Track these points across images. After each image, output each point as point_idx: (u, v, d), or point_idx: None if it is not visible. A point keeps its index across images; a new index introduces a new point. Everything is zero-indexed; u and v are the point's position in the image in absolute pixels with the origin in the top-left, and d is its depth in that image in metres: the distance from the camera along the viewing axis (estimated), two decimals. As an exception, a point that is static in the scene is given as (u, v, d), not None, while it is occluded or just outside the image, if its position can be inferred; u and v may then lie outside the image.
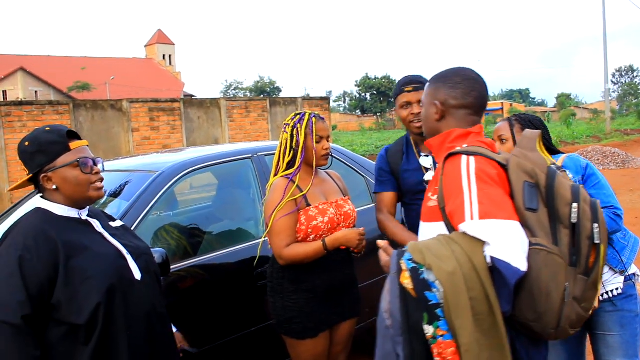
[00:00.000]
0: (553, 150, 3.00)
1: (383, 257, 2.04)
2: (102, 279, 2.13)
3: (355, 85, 79.61)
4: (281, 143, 3.07)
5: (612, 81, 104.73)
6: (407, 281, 1.79)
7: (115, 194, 3.62)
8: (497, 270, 1.74)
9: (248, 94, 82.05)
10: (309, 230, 2.92)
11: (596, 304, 1.94)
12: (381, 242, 2.08)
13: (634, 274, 2.89)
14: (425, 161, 3.06)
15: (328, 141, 3.07)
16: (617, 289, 2.83)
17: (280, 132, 3.12)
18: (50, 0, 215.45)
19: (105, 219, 2.44)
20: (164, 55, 74.90)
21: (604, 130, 30.64)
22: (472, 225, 1.79)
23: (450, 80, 2.14)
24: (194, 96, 57.26)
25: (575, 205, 1.84)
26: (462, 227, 1.82)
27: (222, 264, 3.55)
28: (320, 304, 2.99)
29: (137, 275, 2.27)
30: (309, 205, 2.96)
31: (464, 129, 2.11)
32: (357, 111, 79.43)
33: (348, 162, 4.54)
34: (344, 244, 2.90)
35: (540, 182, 1.88)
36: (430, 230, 2.03)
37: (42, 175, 2.24)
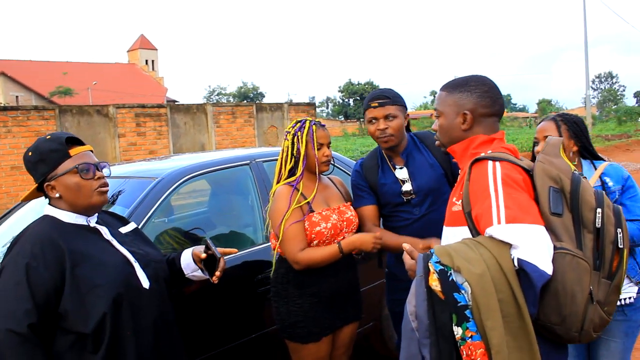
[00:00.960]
0: (595, 156, 3.03)
1: (407, 260, 2.06)
2: (109, 288, 2.13)
3: (339, 91, 79.82)
4: (283, 150, 3.10)
5: (592, 87, 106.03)
6: (435, 283, 1.82)
7: (114, 201, 3.60)
8: (523, 272, 1.77)
9: (231, 99, 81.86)
10: (313, 236, 2.95)
11: None
12: (406, 246, 2.10)
13: None
14: (401, 173, 3.10)
15: (328, 148, 3.10)
16: (629, 297, 2.88)
17: (265, 137, 3.14)
18: (32, 5, 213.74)
19: (117, 223, 2.44)
20: (146, 61, 74.53)
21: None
22: (499, 229, 1.83)
23: (477, 89, 2.16)
24: (176, 101, 57.06)
25: (599, 210, 1.88)
26: (489, 231, 1.85)
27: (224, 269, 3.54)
28: (325, 309, 3.02)
29: (145, 283, 2.26)
30: (312, 211, 2.99)
31: (487, 135, 2.14)
32: (340, 117, 79.57)
33: (344, 168, 4.56)
34: (359, 247, 2.92)
35: (565, 188, 1.92)
36: (455, 234, 2.06)
37: (46, 184, 2.24)
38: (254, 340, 3.59)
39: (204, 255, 2.51)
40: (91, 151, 2.35)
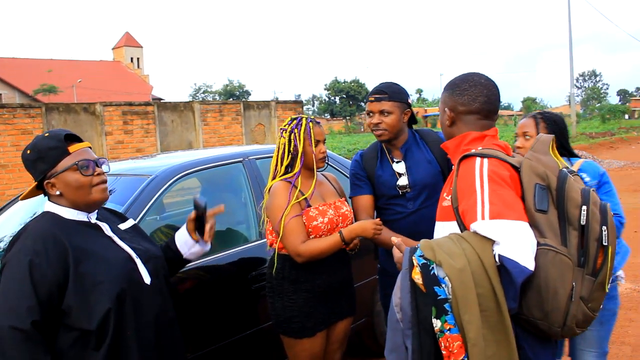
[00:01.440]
0: (571, 153, 3.11)
1: (396, 253, 2.11)
2: (112, 284, 2.13)
3: (325, 89, 79.89)
4: (278, 147, 3.13)
5: (576, 85, 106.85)
6: (417, 276, 1.87)
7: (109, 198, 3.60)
8: (504, 268, 1.80)
9: (217, 97, 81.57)
10: (309, 230, 3.00)
11: None
12: (395, 239, 2.15)
13: (617, 276, 3.08)
14: (398, 167, 3.15)
15: (324, 144, 3.16)
16: None
17: (253, 135, 3.17)
18: (15, 2, 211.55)
19: (116, 220, 2.44)
20: (131, 58, 74.04)
21: (570, 133, 31.21)
22: (482, 224, 1.86)
23: (458, 87, 2.23)
24: (162, 99, 56.75)
25: (584, 207, 1.88)
26: (473, 226, 1.89)
27: (218, 266, 3.57)
28: (319, 304, 3.06)
29: (147, 279, 2.27)
30: (309, 206, 3.04)
31: (478, 132, 2.18)
32: (326, 115, 79.60)
33: (336, 165, 4.60)
34: (360, 234, 2.95)
35: (552, 185, 1.94)
36: (444, 229, 2.11)
37: (46, 182, 2.22)
38: (248, 336, 3.61)
39: (193, 215, 2.54)
40: (89, 147, 2.34)
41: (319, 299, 3.05)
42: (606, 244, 1.88)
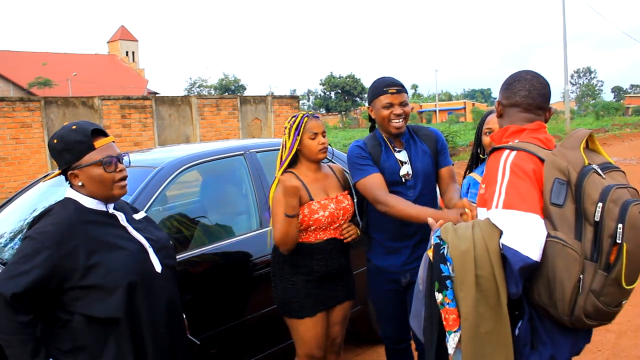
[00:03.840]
0: None
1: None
2: (126, 272, 2.26)
3: (320, 84, 79.90)
4: (282, 144, 3.31)
5: (570, 82, 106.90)
6: (431, 254, 2.10)
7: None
8: (505, 256, 1.98)
9: (212, 91, 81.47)
10: (310, 222, 3.17)
11: None
12: (430, 220, 2.44)
13: None
14: (401, 155, 3.28)
15: (324, 136, 3.27)
16: None
17: (249, 130, 3.35)
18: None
19: (130, 211, 2.56)
20: (127, 52, 74.01)
21: (563, 130, 31.38)
22: (495, 213, 2.05)
23: (506, 82, 2.40)
24: (157, 93, 56.70)
25: (600, 205, 1.94)
26: (488, 214, 2.08)
27: (222, 253, 3.75)
28: (317, 287, 3.24)
29: (158, 267, 2.40)
30: (312, 199, 3.20)
31: (518, 125, 2.31)
32: (322, 110, 79.63)
33: (334, 159, 4.75)
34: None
35: (572, 180, 2.02)
36: (481, 214, 2.27)
37: (70, 172, 2.34)
38: (249, 320, 3.78)
39: None
40: (113, 142, 2.45)
41: (316, 283, 3.23)
42: (619, 241, 1.92)
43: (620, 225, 1.92)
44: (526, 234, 1.96)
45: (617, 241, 1.92)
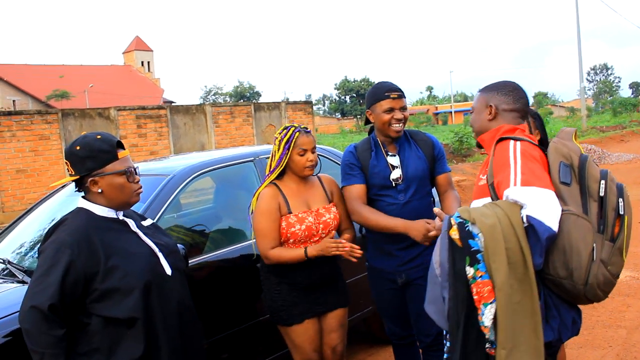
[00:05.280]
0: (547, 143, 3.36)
1: (437, 222, 2.53)
2: (140, 276, 2.38)
3: (335, 89, 79.95)
4: (271, 154, 3.35)
5: (587, 79, 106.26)
6: (454, 233, 2.19)
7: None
8: (531, 227, 2.11)
9: (228, 99, 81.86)
10: (288, 235, 3.22)
11: None
12: (436, 209, 2.55)
13: None
14: (393, 160, 3.34)
15: (312, 152, 3.28)
16: None
17: (264, 136, 3.41)
18: (27, 9, 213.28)
19: (138, 218, 2.67)
20: (142, 62, 74.56)
21: (580, 127, 31.20)
22: (514, 190, 2.19)
23: (504, 89, 2.60)
24: (173, 102, 57.13)
25: (602, 182, 2.21)
26: (506, 192, 2.21)
27: (231, 258, 3.84)
28: (303, 295, 3.27)
29: (168, 271, 2.52)
30: (290, 212, 3.24)
31: (511, 125, 2.53)
32: (337, 114, 79.71)
33: (339, 161, 4.83)
34: (320, 252, 3.15)
35: (574, 164, 2.27)
36: (478, 205, 2.39)
37: (90, 179, 2.45)
38: (260, 324, 3.85)
39: None
40: (129, 155, 2.59)
41: (301, 292, 3.27)
42: (622, 213, 2.19)
43: (620, 200, 2.20)
44: (547, 207, 2.12)
45: (620, 213, 2.18)
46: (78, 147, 2.46)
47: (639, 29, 77.87)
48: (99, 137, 2.50)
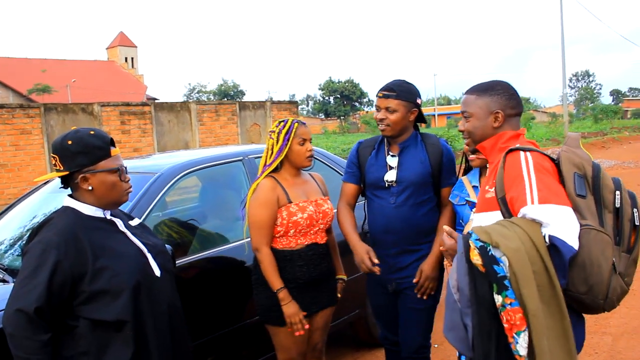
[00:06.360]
0: None
1: (447, 240, 2.31)
2: (128, 277, 2.31)
3: (319, 89, 79.85)
4: (267, 148, 3.32)
5: (569, 85, 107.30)
6: (476, 258, 2.05)
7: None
8: (554, 247, 2.02)
9: (212, 97, 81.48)
10: (290, 225, 3.19)
11: None
12: (446, 227, 2.36)
13: None
14: (392, 160, 3.30)
15: (310, 143, 3.32)
16: None
17: (248, 135, 3.35)
18: (8, 1, 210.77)
19: (125, 218, 2.60)
20: (126, 58, 73.83)
21: (562, 133, 31.48)
22: (533, 208, 2.08)
23: (505, 92, 2.47)
24: (157, 99, 56.78)
25: (618, 192, 2.16)
26: (524, 210, 2.10)
27: (220, 258, 3.80)
28: (299, 294, 3.22)
29: (157, 272, 2.45)
30: (290, 202, 3.22)
31: (514, 131, 2.44)
32: (321, 115, 79.68)
33: (329, 163, 4.80)
34: (283, 305, 3.16)
35: (588, 174, 2.19)
36: (486, 219, 2.30)
37: (81, 175, 2.37)
38: (245, 326, 3.81)
39: None
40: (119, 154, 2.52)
41: (298, 290, 3.21)
42: (638, 224, 2.16)
43: (635, 210, 2.17)
44: (568, 225, 2.04)
45: (636, 224, 2.15)
46: (70, 142, 2.36)
47: (622, 37, 78.71)
48: (92, 132, 2.42)
